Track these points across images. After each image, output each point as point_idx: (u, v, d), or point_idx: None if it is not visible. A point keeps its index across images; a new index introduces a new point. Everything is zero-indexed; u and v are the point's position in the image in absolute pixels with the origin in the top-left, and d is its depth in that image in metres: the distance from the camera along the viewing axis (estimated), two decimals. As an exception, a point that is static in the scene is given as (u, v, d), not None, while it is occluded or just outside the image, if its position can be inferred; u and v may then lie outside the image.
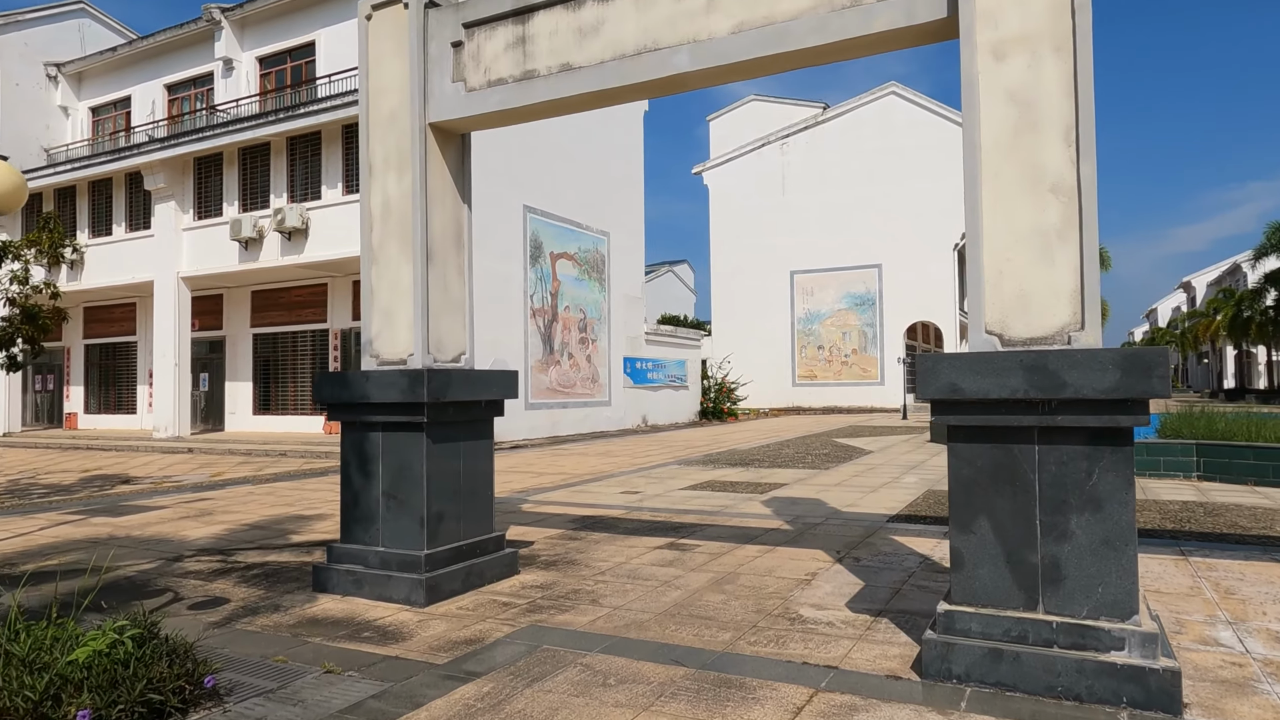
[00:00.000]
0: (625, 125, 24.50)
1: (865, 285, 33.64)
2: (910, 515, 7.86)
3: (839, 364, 34.23)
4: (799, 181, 35.08)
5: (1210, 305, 44.16)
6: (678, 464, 13.34)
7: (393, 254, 5.36)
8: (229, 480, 12.00)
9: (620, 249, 23.80)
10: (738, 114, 37.92)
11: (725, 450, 15.96)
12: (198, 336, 21.84)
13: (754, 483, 10.59)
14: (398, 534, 5.10)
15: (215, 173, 19.22)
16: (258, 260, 18.06)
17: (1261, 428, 10.85)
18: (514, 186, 19.27)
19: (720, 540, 6.74)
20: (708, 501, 8.98)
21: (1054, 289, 3.56)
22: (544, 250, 20.33)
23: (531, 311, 19.78)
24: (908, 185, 32.75)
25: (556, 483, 11.07)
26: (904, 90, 33.09)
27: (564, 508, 8.73)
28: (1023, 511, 3.50)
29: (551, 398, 20.43)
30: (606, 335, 22.95)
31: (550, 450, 16.75)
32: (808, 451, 15.20)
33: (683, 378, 27.21)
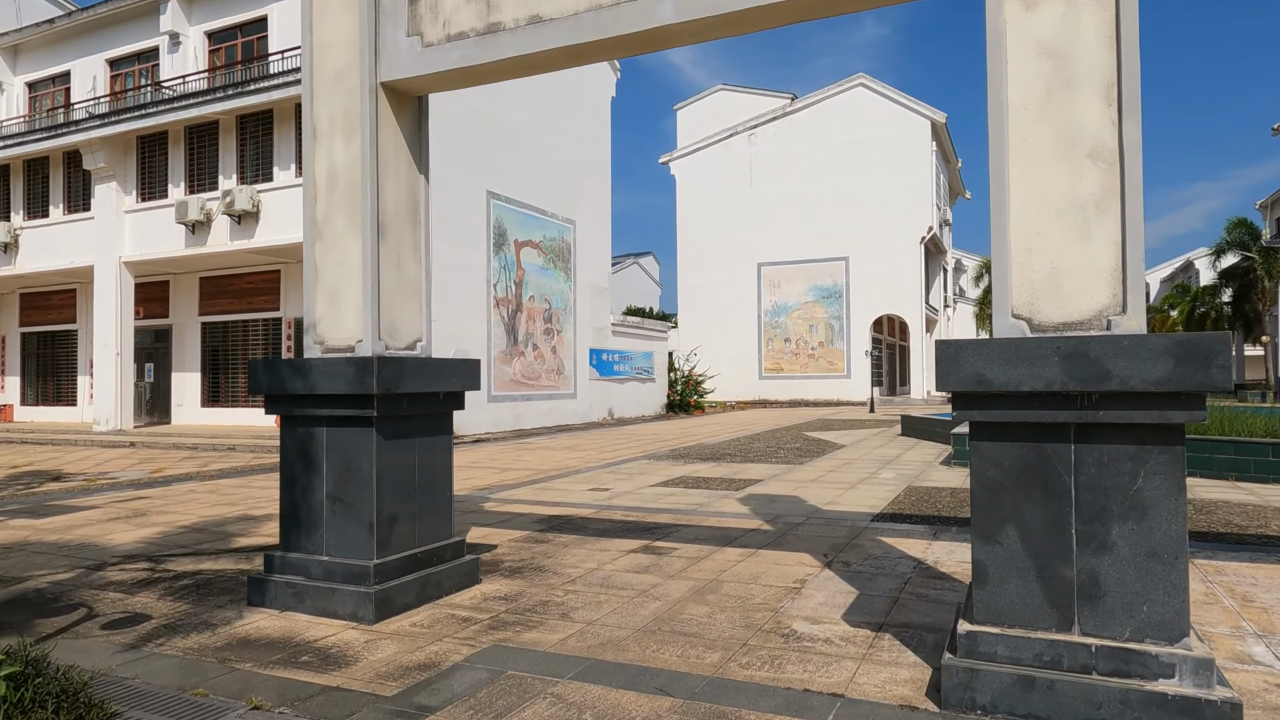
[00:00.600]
0: (592, 110, 23.92)
1: (832, 278, 33.49)
2: (894, 514, 7.49)
3: (806, 357, 34.06)
4: (767, 173, 34.79)
5: (1165, 301, 44.96)
6: (647, 459, 12.88)
7: (339, 228, 4.80)
8: (170, 477, 11.26)
9: (586, 238, 23.24)
10: (705, 104, 37.48)
11: (695, 444, 15.54)
12: (142, 325, 20.83)
13: (728, 479, 10.17)
14: (344, 541, 4.56)
15: (160, 152, 18.24)
16: (205, 245, 17.18)
17: (1236, 422, 10.71)
18: (476, 171, 18.61)
19: (699, 542, 6.29)
20: (681, 499, 8.53)
21: (1091, 267, 3.14)
22: (508, 238, 19.70)
23: (495, 301, 19.16)
24: (875, 178, 32.63)
25: (521, 479, 10.54)
26: (872, 82, 32.93)
27: (530, 506, 8.22)
28: (1056, 519, 3.08)
29: (516, 390, 19.85)
30: (572, 326, 22.40)
31: (514, 444, 16.19)
32: (779, 446, 14.85)
33: (649, 370, 26.76)
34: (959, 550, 5.87)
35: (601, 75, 24.38)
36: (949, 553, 5.80)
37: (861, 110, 33.03)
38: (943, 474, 10.38)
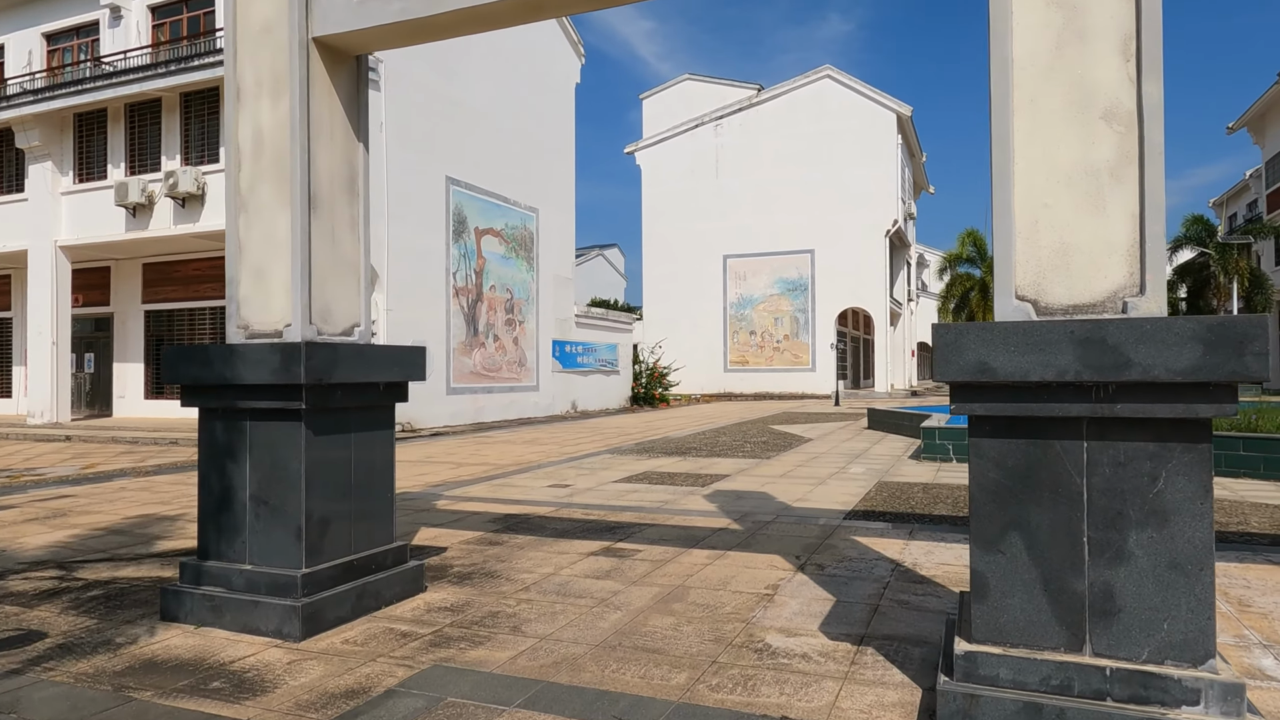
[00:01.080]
0: (556, 96, 23.38)
1: (798, 270, 33.35)
2: (867, 511, 7.18)
3: (771, 350, 33.91)
4: (732, 164, 34.51)
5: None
6: (610, 453, 12.48)
7: (265, 199, 4.31)
8: (102, 473, 10.58)
9: (550, 227, 22.72)
10: (671, 93, 37.07)
11: (659, 438, 15.18)
12: (81, 313, 19.88)
13: (694, 474, 9.81)
14: (269, 548, 4.09)
15: (99, 131, 17.33)
16: (147, 229, 16.35)
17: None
18: (435, 156, 17.99)
19: (663, 544, 5.90)
20: (645, 496, 8.15)
21: (1106, 242, 2.80)
22: (468, 225, 19.12)
23: (455, 290, 18.59)
24: (841, 170, 32.53)
25: (478, 475, 10.07)
26: (839, 74, 32.79)
27: (485, 504, 7.77)
28: (1066, 526, 2.74)
29: (476, 382, 19.30)
30: (534, 317, 21.89)
31: (474, 438, 15.68)
32: (745, 439, 14.54)
33: (614, 362, 26.35)
34: (938, 551, 5.56)
35: (565, 60, 23.84)
36: (927, 554, 5.49)
37: (828, 102, 32.88)
38: (913, 468, 10.13)
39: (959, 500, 7.68)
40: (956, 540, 5.89)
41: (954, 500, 7.69)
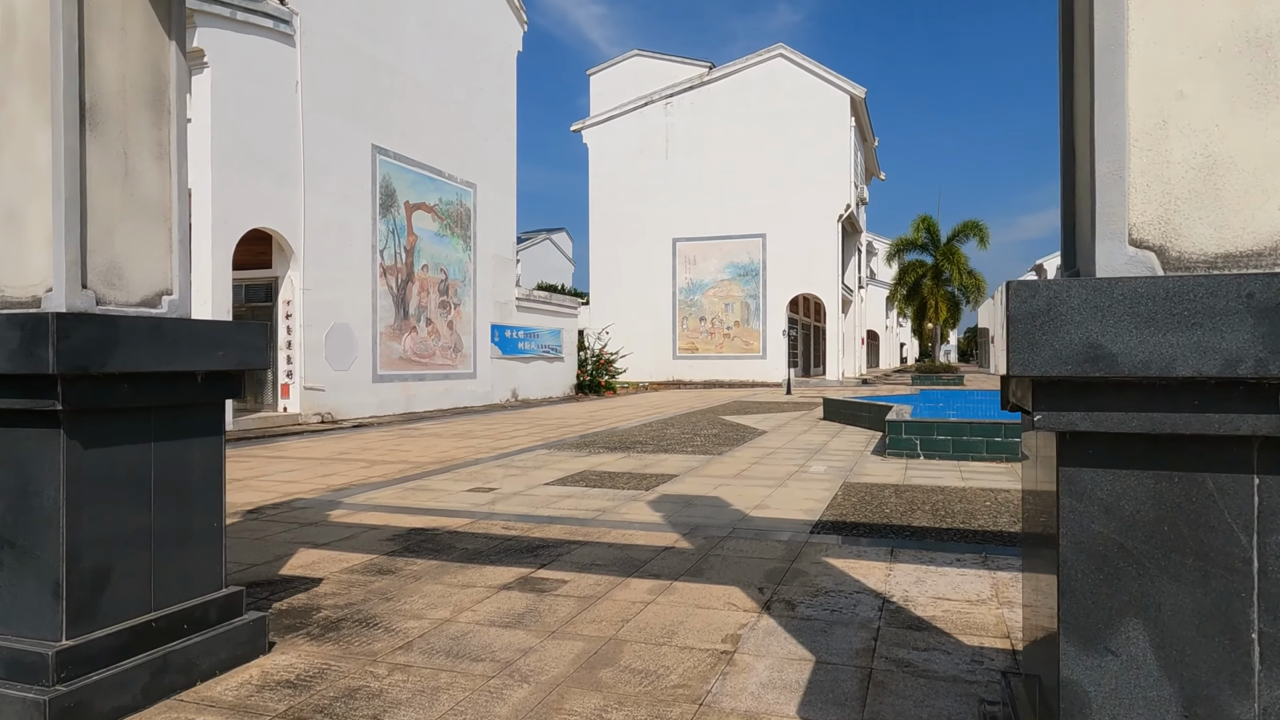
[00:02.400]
0: (496, 65, 21.93)
1: (749, 255, 32.48)
2: (836, 522, 6.17)
3: (721, 336, 33.03)
4: (682, 144, 33.41)
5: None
6: (547, 448, 11.31)
7: (20, 108, 3.02)
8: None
9: (489, 203, 21.32)
10: (619, 70, 35.74)
11: (603, 430, 14.05)
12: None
13: (637, 474, 8.71)
14: (14, 610, 2.84)
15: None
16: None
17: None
18: (360, 123, 16.47)
19: (596, 569, 4.78)
20: (580, 503, 7.01)
21: (1276, 153, 1.74)
22: (397, 199, 17.65)
23: (382, 269, 17.13)
24: (794, 152, 31.69)
25: (391, 476, 8.81)
26: (792, 53, 31.89)
27: (389, 515, 6.55)
28: (1222, 613, 1.69)
29: (406, 369, 17.90)
30: (472, 299, 20.52)
31: (399, 430, 14.34)
32: (695, 432, 13.51)
33: (558, 348, 25.11)
34: (930, 579, 4.55)
35: (506, 26, 22.39)
36: (918, 583, 4.48)
37: (780, 82, 31.97)
38: (878, 467, 9.19)
39: (939, 507, 6.72)
40: (948, 564, 4.90)
41: (933, 507, 6.72)
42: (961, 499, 7.11)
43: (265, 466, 9.52)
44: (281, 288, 15.02)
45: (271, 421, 14.27)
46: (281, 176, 14.41)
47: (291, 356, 14.89)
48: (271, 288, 15.25)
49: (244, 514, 6.63)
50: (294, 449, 11.38)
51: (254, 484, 8.21)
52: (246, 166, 13.65)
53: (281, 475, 8.81)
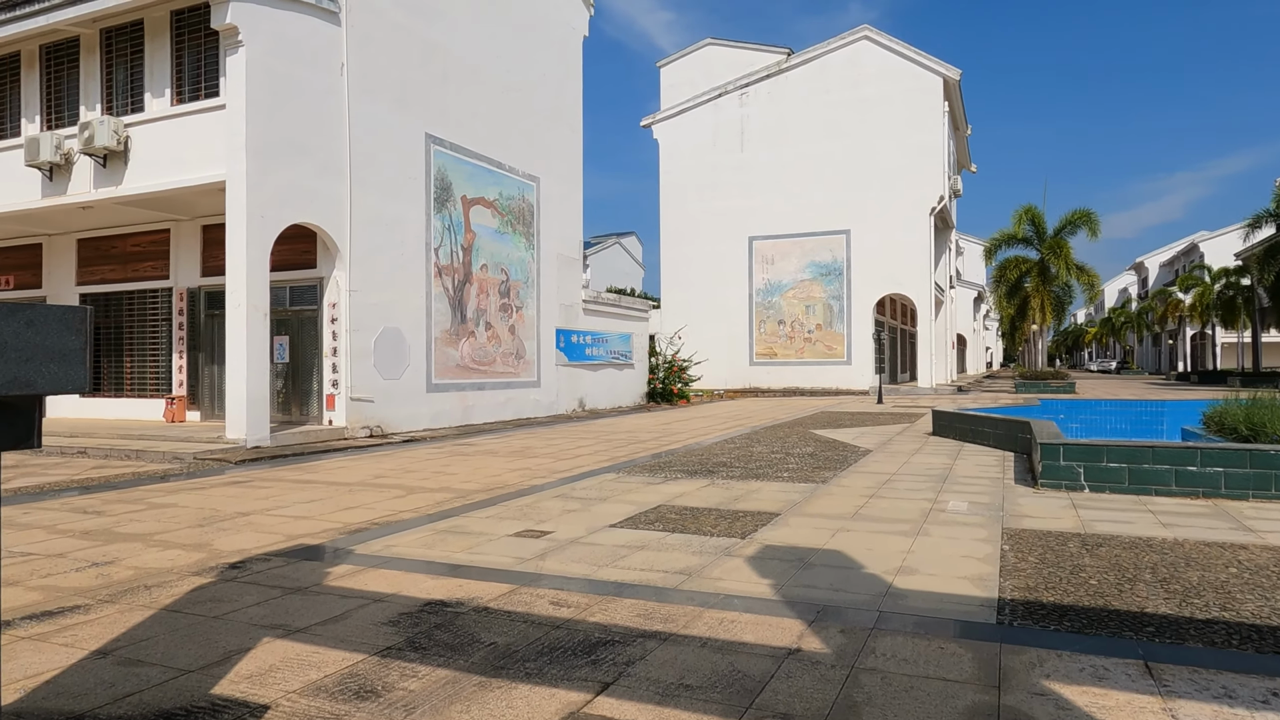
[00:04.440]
0: (560, 50, 20.45)
1: (832, 253, 30.25)
2: (1028, 603, 4.26)
3: (801, 340, 30.86)
4: (759, 136, 31.43)
5: (1183, 282, 42.07)
6: (615, 471, 9.61)
7: None
8: (-73, 502, 7.86)
9: (552, 198, 19.83)
10: (691, 59, 33.97)
11: (679, 447, 12.29)
12: (11, 297, 17.29)
13: (727, 511, 6.92)
14: None
15: (11, 79, 14.65)
16: (65, 193, 13.65)
17: None
18: (411, 110, 15.15)
19: (686, 701, 3.02)
20: (658, 560, 5.26)
21: None
22: (453, 193, 16.27)
23: (437, 269, 15.76)
24: (881, 142, 29.37)
25: (426, 509, 7.23)
26: (877, 34, 29.59)
27: (403, 575, 4.93)
28: None
29: (464, 377, 16.50)
30: (535, 302, 19.04)
31: (451, 447, 12.87)
32: (786, 450, 11.61)
33: (628, 354, 23.46)
34: (1270, 750, 2.63)
35: (571, 8, 20.91)
36: (1251, 758, 2.56)
37: (865, 66, 29.70)
38: (1036, 504, 7.17)
39: (1166, 577, 4.72)
40: (1257, 702, 2.96)
41: (1158, 577, 4.73)
42: (1189, 561, 5.09)
43: (284, 495, 8.08)
44: (326, 289, 13.75)
45: (315, 436, 12.98)
46: (325, 167, 13.14)
47: (337, 365, 13.60)
48: (317, 289, 14.01)
49: (223, 570, 5.10)
50: (326, 470, 9.96)
51: (259, 520, 6.73)
52: (286, 156, 12.41)
53: (296, 508, 7.33)
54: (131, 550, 5.67)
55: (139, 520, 6.77)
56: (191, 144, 12.50)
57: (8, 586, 4.78)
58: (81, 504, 7.64)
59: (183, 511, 7.17)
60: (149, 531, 6.31)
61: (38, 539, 6.08)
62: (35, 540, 6.03)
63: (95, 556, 5.50)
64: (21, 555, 5.55)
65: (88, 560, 5.39)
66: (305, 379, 14.34)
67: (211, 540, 5.98)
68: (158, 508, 7.39)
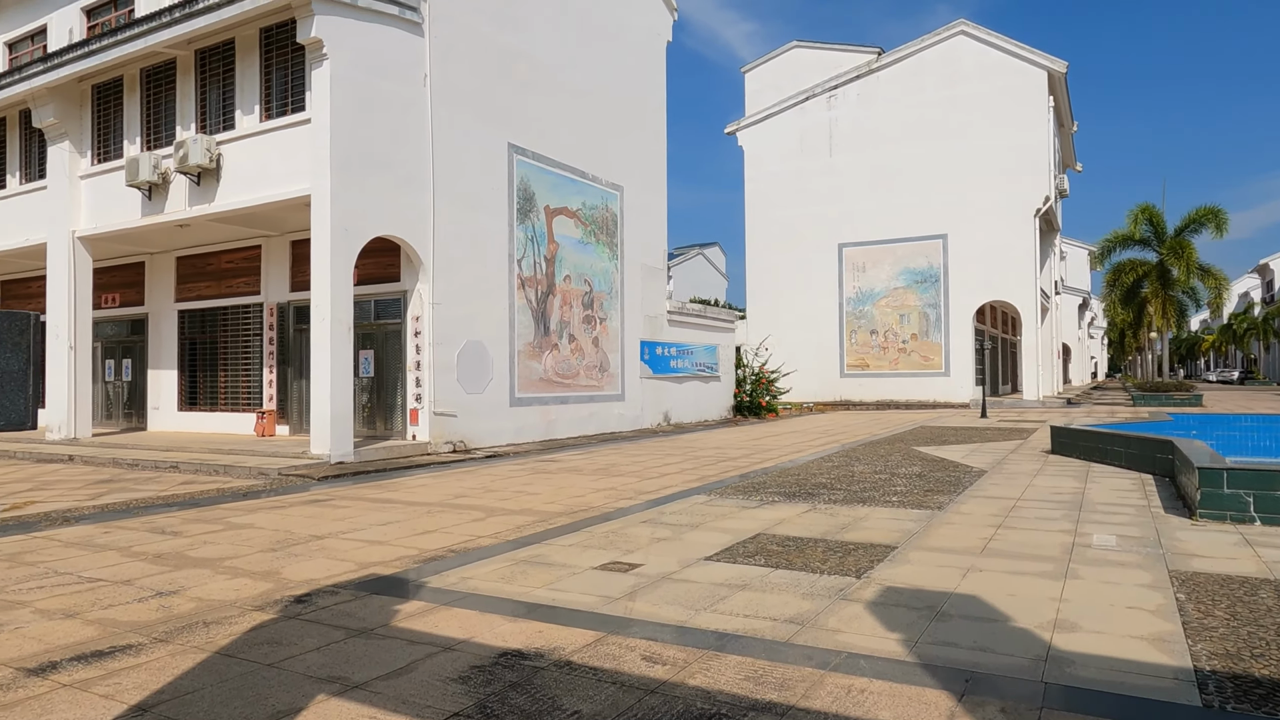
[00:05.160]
0: (642, 56, 20.03)
1: (927, 259, 28.84)
2: (1236, 678, 3.42)
3: (895, 351, 29.50)
4: (848, 140, 30.33)
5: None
6: (706, 493, 8.96)
7: None
8: (23, 517, 7.85)
9: (636, 208, 19.38)
10: (777, 64, 33.13)
11: (772, 466, 11.54)
12: (118, 314, 17.91)
13: (834, 541, 6.18)
14: None
15: (115, 103, 15.12)
16: (163, 212, 13.95)
17: None
18: (494, 120, 14.94)
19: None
20: (763, 603, 4.59)
21: None
22: (536, 203, 15.99)
23: (520, 281, 15.48)
24: (979, 141, 27.88)
25: (506, 535, 6.75)
26: (975, 29, 28.16)
27: (479, 616, 4.41)
28: None
29: (547, 391, 16.14)
30: (619, 313, 18.59)
31: (534, 463, 12.46)
32: (890, 470, 10.71)
33: (714, 366, 22.76)
34: None
35: (654, 13, 20.48)
36: None
37: (962, 62, 28.29)
38: (1201, 539, 6.16)
39: None
40: None
41: (1400, 644, 3.78)
42: None
43: (362, 515, 7.74)
44: (410, 302, 13.60)
45: (398, 452, 12.79)
46: (408, 179, 13.00)
47: (420, 378, 13.41)
48: (401, 302, 13.89)
49: (287, 604, 4.70)
50: (406, 489, 9.65)
51: (332, 545, 6.37)
52: (369, 168, 12.30)
53: (372, 531, 6.96)
54: (199, 578, 5.36)
55: (213, 543, 6.52)
56: (279, 159, 12.55)
57: (66, 619, 4.49)
58: (162, 523, 7.47)
59: (258, 534, 6.89)
60: (220, 556, 6.02)
61: (110, 563, 5.86)
62: (107, 564, 5.81)
63: (162, 584, 5.20)
64: (90, 582, 5.31)
65: (153, 589, 5.09)
66: (390, 393, 14.23)
67: (281, 568, 5.63)
68: (234, 528, 7.15)
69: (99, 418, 18.06)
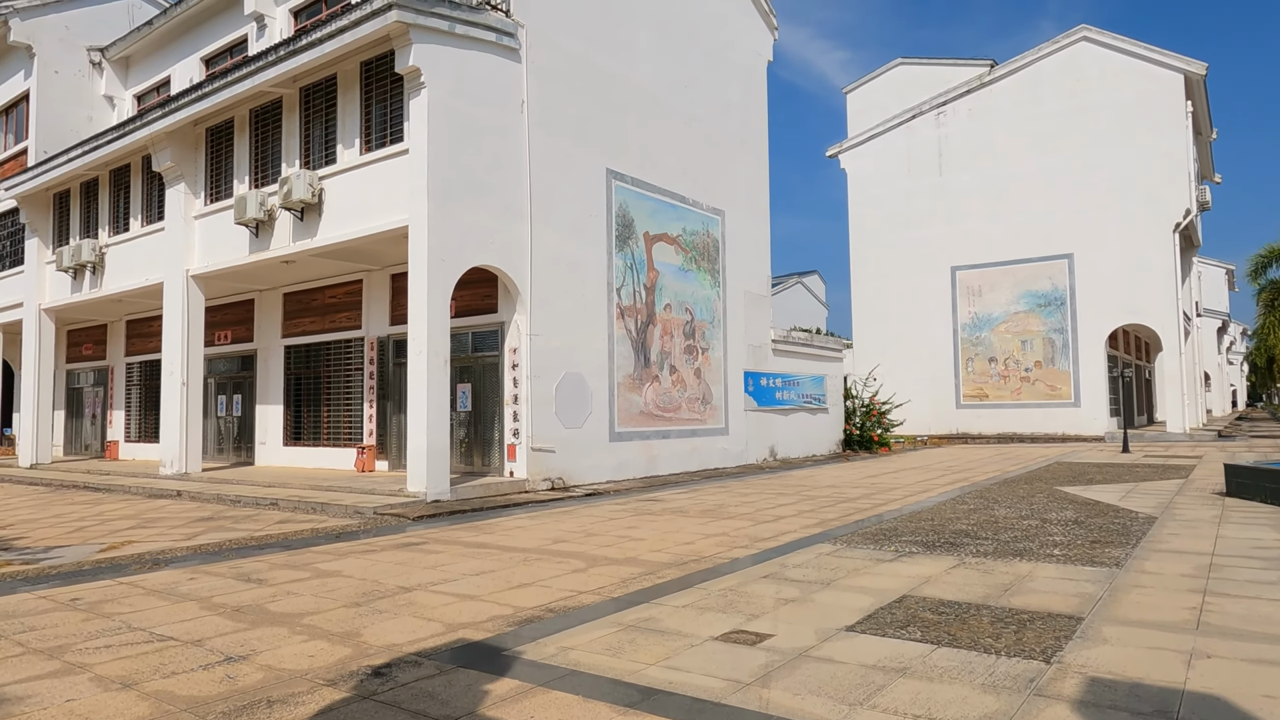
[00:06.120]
0: (743, 76, 19.37)
1: (1051, 281, 26.83)
2: None
3: (1017, 380, 27.46)
4: (960, 158, 28.75)
5: None
6: (830, 541, 7.97)
7: None
8: (110, 560, 7.62)
9: (738, 233, 18.60)
10: (881, 82, 31.89)
11: (899, 508, 10.41)
12: (229, 351, 18.32)
13: (1000, 610, 5.13)
14: None
15: (226, 144, 15.50)
16: (268, 248, 14.08)
17: None
18: (592, 144, 14.51)
19: None
20: (931, 700, 3.65)
21: None
22: (635, 230, 15.43)
23: (619, 310, 14.90)
24: (1106, 152, 25.86)
25: (610, 590, 5.99)
26: (1099, 34, 26.27)
27: (577, 706, 3.65)
28: None
29: (648, 424, 15.43)
30: (722, 343, 17.76)
31: (637, 502, 11.71)
32: (1039, 515, 9.42)
33: (821, 398, 21.57)
34: None
35: (754, 32, 19.83)
36: None
37: (1085, 70, 26.41)
38: None
39: None
40: None
41: None
42: None
43: (455, 563, 7.15)
44: (508, 334, 13.19)
45: (495, 489, 12.29)
46: (506, 207, 12.66)
47: (518, 413, 12.93)
48: (498, 334, 13.50)
49: (363, 678, 4.06)
50: (502, 531, 9.05)
51: (420, 600, 5.76)
52: (466, 197, 12.00)
53: (464, 582, 6.33)
54: (274, 639, 4.81)
55: (296, 594, 6.01)
56: (378, 192, 12.42)
57: (122, 690, 3.98)
58: (249, 568, 7.07)
59: (344, 583, 6.37)
60: (301, 611, 5.49)
61: (187, 616, 5.41)
62: (184, 618, 5.35)
63: (233, 647, 4.67)
64: (160, 641, 4.83)
65: (222, 653, 4.55)
66: (487, 427, 13.81)
67: (363, 628, 5.03)
68: (321, 576, 6.66)
69: (210, 452, 18.45)
